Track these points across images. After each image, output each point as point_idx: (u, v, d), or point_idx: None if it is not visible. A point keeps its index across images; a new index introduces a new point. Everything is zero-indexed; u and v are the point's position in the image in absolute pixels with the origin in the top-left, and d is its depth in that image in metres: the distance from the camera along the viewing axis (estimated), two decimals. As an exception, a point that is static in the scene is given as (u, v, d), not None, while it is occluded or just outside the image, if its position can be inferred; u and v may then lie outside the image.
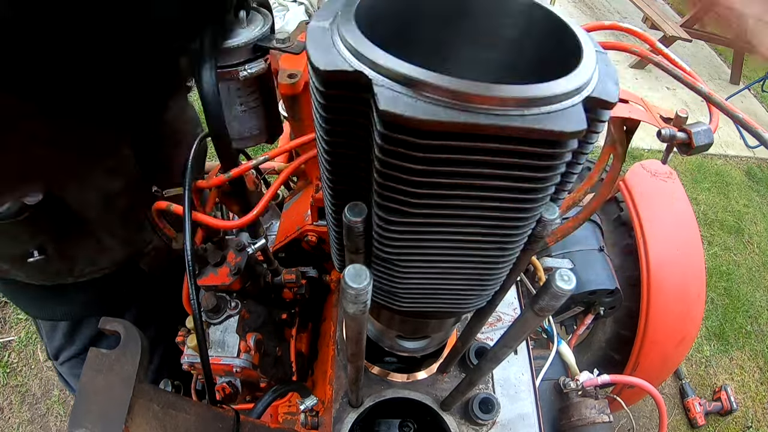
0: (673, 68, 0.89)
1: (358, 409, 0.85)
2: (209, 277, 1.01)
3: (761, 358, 3.07)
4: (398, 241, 0.46)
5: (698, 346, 3.03)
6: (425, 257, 0.48)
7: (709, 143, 0.84)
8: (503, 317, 1.14)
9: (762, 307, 3.35)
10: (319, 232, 1.15)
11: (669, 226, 1.66)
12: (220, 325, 1.02)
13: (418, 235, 0.45)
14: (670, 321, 1.57)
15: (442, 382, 0.89)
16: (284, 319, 1.18)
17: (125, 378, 0.64)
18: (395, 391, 0.87)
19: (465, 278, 0.52)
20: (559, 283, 0.44)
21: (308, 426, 0.93)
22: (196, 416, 0.74)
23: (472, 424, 0.85)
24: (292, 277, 1.12)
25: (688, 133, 0.84)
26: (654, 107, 0.93)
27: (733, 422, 2.73)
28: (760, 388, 2.94)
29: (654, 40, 1.02)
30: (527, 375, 1.05)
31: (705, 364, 2.97)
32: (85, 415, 0.60)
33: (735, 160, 4.53)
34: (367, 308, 0.43)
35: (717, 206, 3.96)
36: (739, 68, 5.30)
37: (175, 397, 0.72)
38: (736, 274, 3.48)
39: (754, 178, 4.39)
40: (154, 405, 0.67)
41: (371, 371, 0.89)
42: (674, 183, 1.77)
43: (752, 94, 5.39)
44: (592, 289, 1.57)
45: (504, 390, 1.02)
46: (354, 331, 0.53)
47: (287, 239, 1.19)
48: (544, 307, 0.48)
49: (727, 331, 3.13)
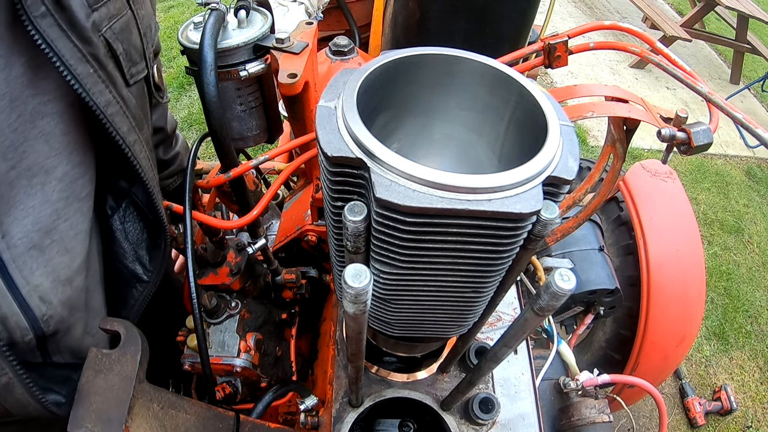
0: (673, 68, 0.89)
1: (358, 408, 0.85)
2: (209, 277, 1.01)
3: (761, 358, 3.07)
4: (390, 285, 0.55)
5: (698, 346, 3.03)
6: (412, 297, 0.58)
7: (708, 143, 0.84)
8: (503, 317, 1.14)
9: (762, 307, 3.35)
10: (319, 232, 1.15)
11: (669, 226, 1.66)
12: (220, 325, 1.02)
13: (407, 282, 0.55)
14: (670, 321, 1.57)
15: (442, 382, 0.89)
16: (284, 319, 1.18)
17: (125, 378, 0.64)
18: (395, 391, 0.87)
19: (447, 313, 0.62)
20: (559, 282, 0.44)
21: (308, 426, 0.93)
22: (196, 416, 0.74)
23: (472, 424, 0.85)
24: (292, 277, 1.12)
25: (687, 133, 0.84)
26: (654, 107, 0.93)
27: (733, 422, 2.73)
28: (760, 388, 2.94)
29: (654, 40, 1.02)
30: (527, 375, 1.05)
31: (705, 364, 2.97)
32: (85, 415, 0.60)
33: (735, 160, 4.53)
34: (367, 308, 0.43)
35: (717, 206, 3.96)
36: (739, 68, 5.30)
37: (175, 397, 0.72)
38: (736, 273, 3.48)
39: (754, 178, 4.39)
40: (154, 405, 0.67)
41: (371, 371, 0.89)
42: (674, 183, 1.77)
43: (752, 94, 5.39)
44: (592, 288, 1.56)
45: (504, 390, 1.02)
46: (354, 331, 0.53)
47: (287, 239, 1.19)
48: (544, 307, 0.48)
49: (727, 331, 3.13)
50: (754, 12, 4.63)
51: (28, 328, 0.64)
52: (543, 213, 0.46)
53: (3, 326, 0.62)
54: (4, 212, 0.60)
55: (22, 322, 0.64)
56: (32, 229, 0.63)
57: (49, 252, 0.66)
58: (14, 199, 0.60)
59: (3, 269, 0.61)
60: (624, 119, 0.94)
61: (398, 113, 0.64)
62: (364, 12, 1.81)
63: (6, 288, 0.61)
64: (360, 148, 0.47)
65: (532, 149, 0.49)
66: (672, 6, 6.52)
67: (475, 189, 0.44)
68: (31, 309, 0.64)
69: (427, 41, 0.89)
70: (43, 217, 0.64)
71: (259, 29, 0.88)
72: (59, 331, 0.70)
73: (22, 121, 0.58)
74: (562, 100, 0.84)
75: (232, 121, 0.95)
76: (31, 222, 0.63)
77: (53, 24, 0.54)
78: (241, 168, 0.91)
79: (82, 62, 0.57)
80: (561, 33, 1.00)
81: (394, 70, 0.58)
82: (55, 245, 0.66)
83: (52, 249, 0.66)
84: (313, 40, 0.94)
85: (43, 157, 0.62)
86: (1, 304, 0.61)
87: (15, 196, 0.60)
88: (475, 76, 0.60)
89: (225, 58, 0.86)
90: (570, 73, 4.81)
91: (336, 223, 0.54)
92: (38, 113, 0.59)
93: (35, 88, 0.58)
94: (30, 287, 0.64)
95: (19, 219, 0.61)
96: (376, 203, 0.45)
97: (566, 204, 1.13)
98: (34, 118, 0.59)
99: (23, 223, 0.62)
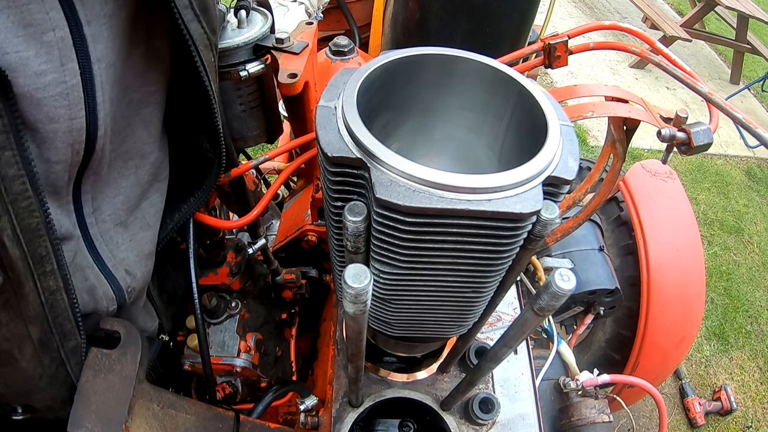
0: (673, 68, 0.89)
1: (358, 408, 0.85)
2: (209, 277, 1.01)
3: (761, 358, 3.07)
4: (390, 285, 0.55)
5: (698, 346, 3.03)
6: (412, 297, 0.58)
7: (708, 143, 0.84)
8: (503, 317, 1.14)
9: (762, 307, 3.35)
10: (319, 232, 1.15)
11: (669, 226, 1.66)
12: (220, 325, 1.02)
13: (407, 282, 0.54)
14: (670, 321, 1.57)
15: (442, 382, 0.89)
16: (284, 319, 1.18)
17: (125, 378, 0.64)
18: (395, 391, 0.87)
19: (447, 313, 0.62)
20: (559, 282, 0.44)
21: (308, 426, 0.93)
22: (196, 416, 0.74)
23: (472, 424, 0.85)
24: (292, 277, 1.12)
25: (687, 133, 0.84)
26: (654, 107, 0.93)
27: (732, 422, 2.73)
28: (760, 388, 2.94)
29: (654, 40, 1.02)
30: (527, 375, 1.05)
31: (705, 364, 2.97)
32: (85, 415, 0.60)
33: (735, 160, 4.53)
34: (367, 308, 0.43)
35: (717, 206, 3.96)
36: (739, 68, 5.30)
37: (175, 397, 0.72)
38: (736, 274, 3.48)
39: (754, 178, 4.39)
40: (154, 405, 0.67)
41: (371, 371, 0.89)
42: (674, 183, 1.77)
43: (752, 94, 5.39)
44: (592, 288, 1.56)
45: (504, 390, 1.02)
46: (354, 331, 0.53)
47: (287, 239, 1.19)
48: (544, 307, 0.48)
49: (727, 331, 3.13)
50: (754, 12, 4.63)
51: (113, 299, 0.68)
52: (543, 213, 0.46)
53: (90, 296, 0.65)
54: (99, 190, 0.63)
55: (109, 293, 0.67)
56: (121, 207, 0.67)
57: (133, 228, 0.70)
58: (109, 178, 0.63)
59: (90, 243, 0.64)
60: (624, 119, 0.94)
61: (398, 113, 0.64)
62: (364, 12, 1.81)
63: (93, 260, 0.64)
64: (360, 148, 0.47)
65: (532, 149, 0.49)
66: (672, 6, 6.52)
67: (475, 189, 0.44)
68: (117, 281, 0.68)
69: (427, 41, 0.89)
70: (132, 197, 0.68)
71: (259, 29, 0.88)
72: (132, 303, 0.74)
73: (130, 108, 0.61)
74: (562, 100, 0.84)
75: (232, 121, 0.95)
76: (121, 201, 0.66)
77: (188, 6, 0.57)
78: (241, 168, 0.91)
79: (195, 21, 0.60)
80: (561, 33, 1.00)
81: (394, 70, 0.58)
82: (138, 222, 0.70)
83: (135, 225, 0.70)
84: (313, 40, 0.94)
85: (141, 143, 0.66)
86: (89, 275, 0.64)
87: (110, 176, 0.63)
88: (475, 76, 0.60)
89: (225, 58, 0.86)
90: (570, 73, 4.81)
91: (336, 223, 0.54)
92: (144, 102, 0.63)
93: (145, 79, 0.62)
94: (116, 260, 0.67)
95: (110, 197, 0.65)
96: (376, 203, 0.45)
97: (566, 204, 1.13)
98: (139, 106, 0.63)
99: (114, 201, 0.65)
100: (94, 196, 0.62)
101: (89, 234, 0.63)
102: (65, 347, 0.59)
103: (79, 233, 0.62)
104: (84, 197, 0.61)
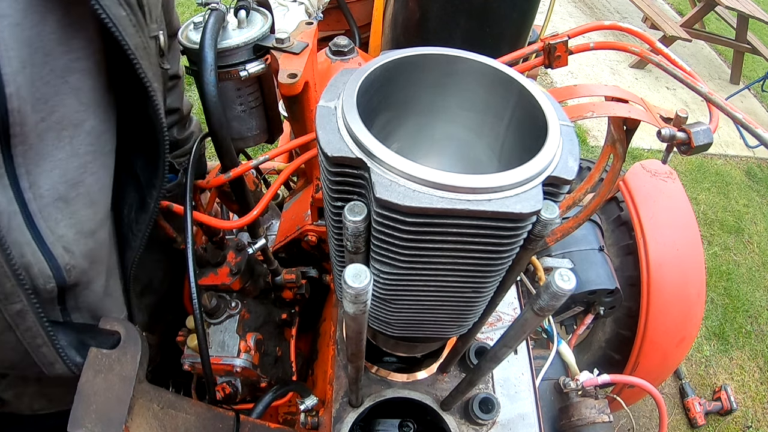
0: (673, 68, 0.89)
1: (358, 408, 0.85)
2: (209, 277, 1.01)
3: (761, 358, 3.07)
4: (390, 285, 0.55)
5: (698, 346, 3.03)
6: (412, 297, 0.58)
7: (708, 143, 0.84)
8: (503, 317, 1.14)
9: (762, 307, 3.35)
10: (319, 232, 1.15)
11: (669, 226, 1.66)
12: (220, 325, 1.02)
13: (407, 282, 0.55)
14: (670, 321, 1.57)
15: (442, 382, 0.89)
16: (284, 319, 1.18)
17: (125, 378, 0.64)
18: (395, 391, 0.87)
19: (447, 313, 0.62)
20: (559, 282, 0.44)
21: (308, 426, 0.93)
22: (196, 416, 0.74)
23: (472, 424, 0.85)
24: (292, 277, 1.12)
25: (687, 133, 0.84)
26: (654, 107, 0.93)
27: (733, 422, 2.73)
28: (760, 388, 2.94)
29: (654, 40, 1.02)
30: (527, 375, 1.05)
31: (705, 364, 2.97)
32: (85, 415, 0.60)
33: (735, 160, 4.53)
34: (367, 308, 0.43)
35: (717, 206, 3.96)
36: (739, 68, 5.30)
37: (175, 397, 0.72)
38: (736, 274, 3.48)
39: (754, 178, 4.39)
40: (154, 405, 0.67)
41: (371, 371, 0.89)
42: (674, 183, 1.77)
43: (752, 94, 5.39)
44: (592, 288, 1.56)
45: (504, 390, 1.02)
46: (354, 331, 0.53)
47: (287, 239, 1.19)
48: (544, 307, 0.48)
49: (727, 331, 3.13)
50: (754, 12, 4.63)
51: (51, 276, 0.67)
52: (543, 213, 0.46)
53: (27, 273, 0.64)
54: (34, 163, 0.62)
55: (45, 270, 0.66)
56: (59, 181, 0.66)
57: (75, 204, 0.69)
58: (43, 151, 0.62)
59: (29, 219, 0.64)
60: (624, 119, 0.94)
61: (398, 113, 0.64)
62: (364, 12, 1.81)
63: (31, 237, 0.64)
64: (360, 148, 0.47)
65: (532, 149, 0.49)
66: (672, 6, 6.52)
67: (475, 189, 0.44)
68: (55, 258, 0.67)
69: (427, 41, 0.89)
70: (70, 169, 0.66)
71: (259, 29, 0.88)
72: (80, 284, 0.73)
73: (54, 75, 0.60)
74: (562, 100, 0.84)
75: (232, 121, 0.95)
76: (58, 174, 0.65)
77: None
78: (241, 168, 0.91)
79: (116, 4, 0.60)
80: (561, 33, 1.00)
81: (394, 70, 0.58)
82: (80, 198, 0.69)
83: (78, 201, 0.69)
84: (313, 40, 0.94)
85: (72, 111, 0.64)
86: (26, 252, 0.64)
87: (44, 148, 0.63)
88: (475, 76, 0.60)
89: (225, 58, 0.86)
90: (570, 73, 4.81)
91: (336, 223, 0.54)
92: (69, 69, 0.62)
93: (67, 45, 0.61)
94: (54, 237, 0.66)
95: (47, 171, 0.64)
96: (376, 203, 0.45)
97: (566, 204, 1.13)
98: (65, 74, 0.62)
99: (51, 175, 0.64)
100: (28, 170, 0.62)
101: (29, 210, 0.63)
102: (9, 310, 0.59)
103: (16, 208, 0.62)
104: (18, 171, 0.61)
